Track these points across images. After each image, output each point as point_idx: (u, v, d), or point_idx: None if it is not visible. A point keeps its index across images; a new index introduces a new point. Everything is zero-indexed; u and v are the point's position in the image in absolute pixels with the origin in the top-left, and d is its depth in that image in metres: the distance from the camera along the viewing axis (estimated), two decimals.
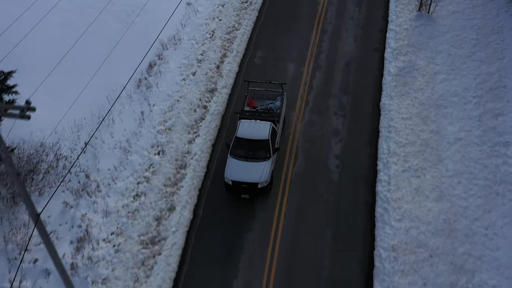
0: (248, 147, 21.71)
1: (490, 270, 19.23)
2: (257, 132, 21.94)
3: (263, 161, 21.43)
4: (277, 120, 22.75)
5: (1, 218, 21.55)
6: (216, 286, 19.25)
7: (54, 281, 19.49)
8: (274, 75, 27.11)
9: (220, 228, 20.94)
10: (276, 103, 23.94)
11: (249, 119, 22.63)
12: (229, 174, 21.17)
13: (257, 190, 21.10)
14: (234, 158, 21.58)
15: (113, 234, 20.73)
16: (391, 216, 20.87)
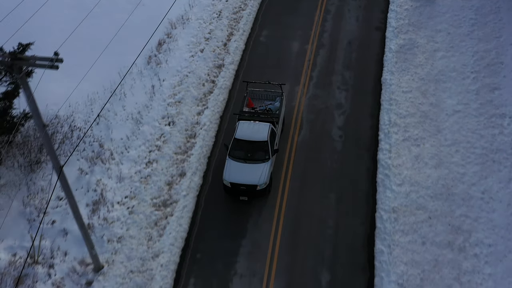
0: (247, 148, 21.41)
1: (486, 230, 20.19)
2: (256, 133, 21.62)
3: (262, 163, 21.11)
4: (276, 121, 22.37)
5: (20, 183, 22.54)
6: (225, 245, 20.23)
7: (71, 239, 20.48)
8: (279, 53, 28.03)
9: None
10: (276, 104, 23.75)
11: (248, 120, 22.27)
12: (228, 176, 20.87)
13: (255, 192, 20.81)
14: (233, 160, 21.27)
15: (127, 198, 21.70)
16: (392, 181, 21.83)
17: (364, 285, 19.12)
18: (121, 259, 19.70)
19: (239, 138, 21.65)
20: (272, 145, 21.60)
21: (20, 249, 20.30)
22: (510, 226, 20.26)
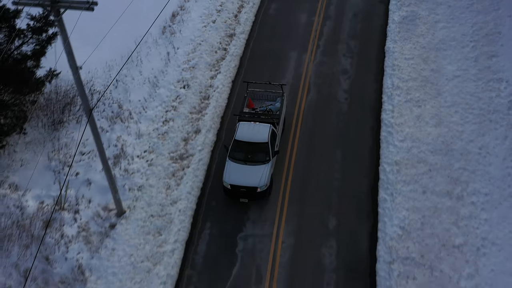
0: (247, 150, 21.08)
1: (482, 181, 21.49)
2: (256, 134, 21.25)
3: (262, 165, 20.77)
4: (276, 122, 21.99)
5: (44, 141, 23.89)
6: None
7: (95, 189, 21.85)
8: (288, 24, 29.30)
9: None
10: (276, 104, 23.35)
11: (248, 121, 21.89)
12: (228, 178, 20.59)
13: (256, 195, 20.56)
14: (233, 162, 20.99)
15: (145, 152, 23.04)
16: (395, 138, 23.13)
17: (368, 229, 20.45)
18: (141, 205, 21.06)
19: (239, 139, 21.26)
20: (272, 146, 21.23)
21: (47, 198, 21.67)
22: (505, 177, 21.55)
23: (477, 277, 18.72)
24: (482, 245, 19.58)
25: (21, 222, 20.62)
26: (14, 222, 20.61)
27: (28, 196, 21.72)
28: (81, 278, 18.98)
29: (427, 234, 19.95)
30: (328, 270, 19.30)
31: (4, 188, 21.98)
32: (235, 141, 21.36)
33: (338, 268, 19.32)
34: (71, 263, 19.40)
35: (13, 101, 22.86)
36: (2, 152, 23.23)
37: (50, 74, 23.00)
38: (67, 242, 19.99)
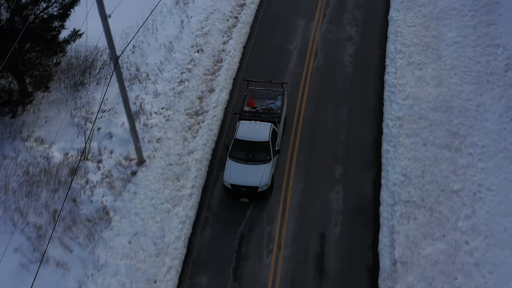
0: (248, 149, 20.76)
1: (479, 135, 22.81)
2: (257, 133, 20.95)
3: (263, 164, 20.48)
4: (277, 121, 21.68)
5: (66, 100, 25.27)
6: None
7: (116, 141, 23.24)
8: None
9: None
10: (277, 103, 22.99)
11: (248, 119, 21.64)
12: (228, 177, 20.32)
13: (257, 194, 20.31)
14: (233, 161, 20.71)
15: (163, 109, 24.41)
16: (397, 96, 24.46)
17: (372, 177, 21.81)
18: (160, 155, 22.45)
19: (240, 138, 20.96)
20: (273, 145, 20.93)
21: (71, 150, 23.07)
22: (501, 132, 22.87)
23: (473, 218, 20.07)
24: (479, 190, 20.93)
25: (48, 170, 22.02)
26: (42, 170, 22.02)
27: (53, 148, 23.12)
28: (106, 217, 20.39)
29: (427, 181, 21.30)
30: (335, 212, 20.68)
31: (31, 141, 23.39)
32: (236, 140, 20.99)
33: (344, 211, 20.69)
34: (96, 205, 20.81)
35: (39, 61, 24.23)
36: (28, 109, 24.62)
37: (74, 34, 24.33)
38: (91, 187, 21.40)
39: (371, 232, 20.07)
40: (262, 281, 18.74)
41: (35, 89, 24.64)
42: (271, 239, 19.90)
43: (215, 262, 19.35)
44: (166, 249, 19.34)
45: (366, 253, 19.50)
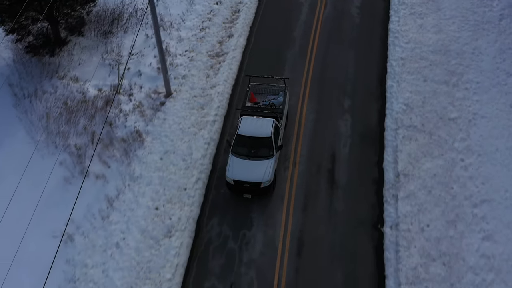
0: (250, 145, 20.52)
1: (475, 73, 24.92)
2: (259, 129, 20.69)
3: (266, 160, 20.24)
4: (280, 117, 21.43)
5: (97, 45, 27.44)
6: None
7: (145, 78, 25.41)
8: None
9: (270, 46, 26.75)
10: (279, 98, 22.80)
11: (251, 115, 21.39)
12: (231, 173, 20.02)
13: (259, 190, 20.04)
14: (236, 157, 20.48)
15: (186, 51, 26.58)
16: (400, 41, 26.58)
17: (377, 108, 23.95)
18: (186, 89, 24.64)
19: (242, 134, 20.71)
20: (276, 141, 20.70)
21: (105, 86, 25.23)
22: (494, 70, 24.96)
23: (468, 140, 22.23)
24: (473, 118, 23.07)
25: (85, 101, 24.23)
26: (79, 102, 24.23)
27: (87, 85, 25.31)
28: (139, 139, 22.59)
29: (427, 110, 23.45)
30: (344, 136, 22.86)
31: (67, 80, 25.58)
32: (238, 135, 20.74)
33: (352, 135, 22.86)
34: (129, 129, 23.01)
35: (73, 9, 26.41)
36: (62, 52, 26.79)
37: None
38: (125, 115, 23.60)
39: (377, 152, 22.24)
40: (279, 192, 20.93)
41: (69, 34, 26.81)
42: (286, 158, 22.08)
43: None
44: (194, 164, 21.54)
45: (372, 169, 21.67)
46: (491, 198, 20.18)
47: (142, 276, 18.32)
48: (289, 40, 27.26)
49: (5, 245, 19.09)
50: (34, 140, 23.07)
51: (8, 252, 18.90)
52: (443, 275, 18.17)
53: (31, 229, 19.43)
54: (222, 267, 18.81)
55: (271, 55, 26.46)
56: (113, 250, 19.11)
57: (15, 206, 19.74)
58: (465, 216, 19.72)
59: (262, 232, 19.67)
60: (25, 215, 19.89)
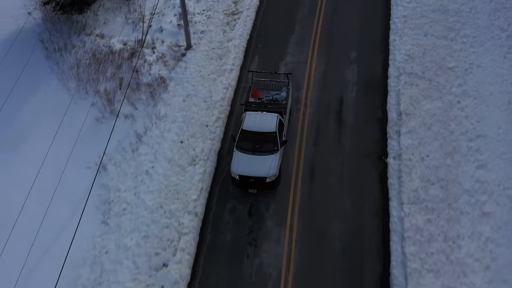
0: (255, 140, 20.37)
1: (471, 29, 26.69)
2: (264, 124, 20.55)
3: (271, 154, 20.12)
4: (283, 112, 21.38)
5: (120, 7, 29.29)
6: (279, 38, 26.94)
7: (166, 33, 27.26)
8: None
9: (282, 6, 28.58)
10: (282, 94, 22.73)
11: (255, 110, 21.28)
12: (236, 168, 19.86)
13: (265, 185, 19.90)
14: (241, 152, 20.31)
15: (204, 10, 28.41)
16: (402, 0, 28.40)
17: (381, 59, 25.78)
18: (204, 42, 26.49)
19: (247, 129, 20.54)
20: (280, 136, 20.60)
21: (129, 41, 27.09)
22: (489, 27, 26.75)
23: (465, 86, 24.06)
24: (470, 67, 24.89)
25: (112, 53, 26.09)
26: (106, 53, 26.09)
27: (113, 40, 27.17)
28: (163, 84, 24.47)
29: (427, 60, 25.28)
30: (351, 83, 24.71)
31: (93, 36, 27.44)
32: (243, 131, 20.58)
33: (358, 82, 24.71)
34: (154, 76, 24.89)
35: None
36: (88, 13, 28.64)
37: None
38: (149, 64, 25.46)
39: (381, 96, 24.09)
40: (293, 128, 22.80)
41: None
42: (298, 101, 23.95)
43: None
44: (214, 105, 23.42)
45: (376, 111, 23.53)
46: (485, 134, 22.02)
47: (171, 197, 20.20)
48: (299, 1, 29.07)
49: (45, 178, 20.90)
50: (66, 87, 24.95)
51: (49, 184, 20.78)
52: (441, 196, 20.03)
53: (67, 163, 21.34)
54: (242, 192, 20.69)
55: (282, 14, 28.28)
56: (143, 176, 20.99)
57: (52, 144, 21.63)
58: (461, 149, 21.57)
59: None
60: (61, 151, 21.79)
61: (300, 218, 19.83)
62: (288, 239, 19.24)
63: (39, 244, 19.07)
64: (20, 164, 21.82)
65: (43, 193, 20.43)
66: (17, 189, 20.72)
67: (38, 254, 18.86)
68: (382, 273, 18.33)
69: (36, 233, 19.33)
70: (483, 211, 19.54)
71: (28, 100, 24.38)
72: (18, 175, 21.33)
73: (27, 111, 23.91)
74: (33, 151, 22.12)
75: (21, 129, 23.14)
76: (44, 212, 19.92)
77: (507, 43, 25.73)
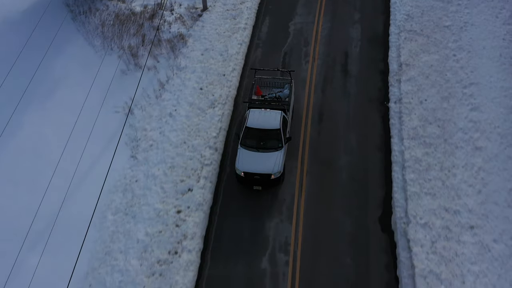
0: (260, 137, 20.28)
1: None
2: (268, 121, 20.47)
3: (276, 151, 20.04)
4: (287, 109, 21.29)
5: None
6: (285, 11, 28.82)
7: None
8: None
9: None
10: (285, 91, 22.55)
11: (258, 108, 21.19)
12: (241, 165, 19.77)
13: (270, 182, 19.85)
14: (245, 149, 20.21)
15: None
16: None
17: (383, 20, 27.62)
18: (219, 5, 28.32)
19: (251, 126, 20.45)
20: (284, 133, 20.54)
21: (149, 5, 28.94)
22: None
23: (460, 41, 25.92)
24: (464, 25, 26.75)
25: (134, 14, 27.95)
26: (128, 15, 27.92)
27: (134, 4, 29.02)
28: (182, 41, 26.32)
29: (425, 20, 27.14)
30: (355, 39, 26.58)
31: (115, 1, 29.28)
32: (247, 128, 20.49)
33: (362, 39, 26.58)
34: (173, 33, 26.73)
35: None
36: None
37: None
38: (169, 24, 27.30)
39: (382, 51, 25.95)
40: (301, 76, 24.69)
41: None
42: (307, 54, 25.82)
43: (268, 64, 25.30)
44: (230, 58, 25.28)
45: (378, 63, 25.39)
46: (478, 82, 23.90)
47: (193, 134, 22.08)
48: None
49: (78, 121, 22.79)
50: (92, 45, 26.79)
51: (81, 126, 22.68)
52: (438, 133, 21.92)
53: (97, 108, 23.24)
54: None
55: None
56: (167, 118, 22.86)
57: (82, 92, 23.53)
58: (456, 94, 23.46)
59: None
60: (90, 98, 23.66)
61: (310, 152, 21.71)
62: (300, 170, 21.12)
63: (77, 175, 20.96)
64: (54, 109, 23.69)
65: (76, 133, 22.31)
66: (53, 130, 22.60)
67: (75, 184, 20.74)
68: (385, 197, 20.21)
69: (76, 167, 21.22)
70: (475, 145, 21.40)
71: (58, 56, 26.19)
72: (53, 118, 23.20)
73: (58, 65, 25.73)
74: (65, 98, 23.99)
75: (54, 80, 24.97)
76: (77, 149, 21.79)
77: (499, 4, 27.59)
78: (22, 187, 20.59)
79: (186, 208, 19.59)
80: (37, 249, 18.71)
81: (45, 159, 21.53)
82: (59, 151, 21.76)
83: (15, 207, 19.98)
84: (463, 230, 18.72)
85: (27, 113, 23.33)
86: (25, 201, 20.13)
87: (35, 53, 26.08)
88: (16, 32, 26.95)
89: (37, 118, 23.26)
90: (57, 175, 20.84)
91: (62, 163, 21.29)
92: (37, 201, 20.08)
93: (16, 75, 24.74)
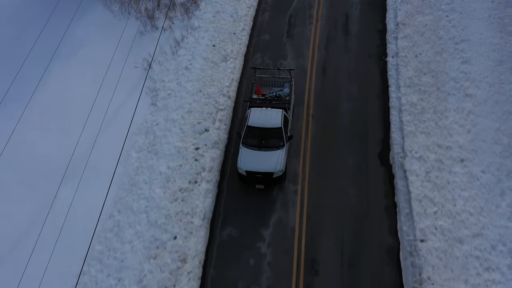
0: (261, 135, 20.26)
1: None
2: (269, 120, 20.46)
3: (277, 150, 20.02)
4: (288, 107, 21.30)
5: None
6: None
7: None
8: None
9: None
10: (285, 90, 22.41)
11: (259, 107, 21.19)
12: (243, 164, 19.74)
13: (272, 180, 19.82)
14: (247, 148, 20.18)
15: None
16: None
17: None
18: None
19: (253, 125, 20.42)
20: (285, 131, 20.52)
21: None
22: None
23: (452, 4, 27.69)
24: None
25: None
26: None
27: None
28: (194, 4, 28.00)
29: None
30: (355, 2, 28.30)
31: None
32: (248, 127, 20.47)
33: (361, 2, 28.31)
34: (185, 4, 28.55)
35: None
36: None
37: None
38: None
39: (381, 14, 27.71)
40: (305, 34, 26.47)
41: None
42: (311, 16, 27.61)
43: (274, 29, 27.06)
44: (239, 19, 27.03)
45: (377, 24, 27.17)
46: (469, 39, 25.71)
47: (208, 84, 23.87)
48: None
49: (100, 75, 24.60)
50: (110, 10, 28.52)
51: (103, 79, 24.47)
52: (431, 82, 23.74)
53: (118, 64, 25.03)
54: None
55: None
56: (183, 71, 24.64)
57: (103, 50, 25.32)
58: (448, 49, 25.27)
59: (294, 60, 25.25)
60: (110, 55, 25.45)
61: (315, 99, 23.52)
62: (306, 114, 22.94)
63: (105, 121, 22.76)
64: (76, 64, 25.45)
65: (98, 86, 24.10)
66: (77, 82, 24.38)
67: (103, 127, 22.53)
68: (383, 137, 22.03)
69: (104, 115, 23.03)
70: (466, 93, 23.23)
71: (79, 20, 27.92)
72: (76, 72, 24.96)
73: (80, 29, 27.46)
74: (88, 56, 25.75)
75: (76, 40, 26.72)
76: (104, 99, 23.57)
77: None
78: (54, 134, 22.37)
79: (204, 145, 21.39)
80: (73, 184, 20.51)
81: (75, 109, 23.30)
82: (86, 102, 23.52)
83: (51, 151, 21.77)
84: (454, 163, 20.55)
85: (55, 70, 25.10)
86: (59, 144, 21.92)
87: (60, 20, 27.84)
88: (41, 1, 28.80)
89: (64, 73, 25.02)
90: (87, 121, 22.62)
91: (91, 111, 23.07)
92: (71, 144, 21.86)
93: (44, 38, 26.49)
